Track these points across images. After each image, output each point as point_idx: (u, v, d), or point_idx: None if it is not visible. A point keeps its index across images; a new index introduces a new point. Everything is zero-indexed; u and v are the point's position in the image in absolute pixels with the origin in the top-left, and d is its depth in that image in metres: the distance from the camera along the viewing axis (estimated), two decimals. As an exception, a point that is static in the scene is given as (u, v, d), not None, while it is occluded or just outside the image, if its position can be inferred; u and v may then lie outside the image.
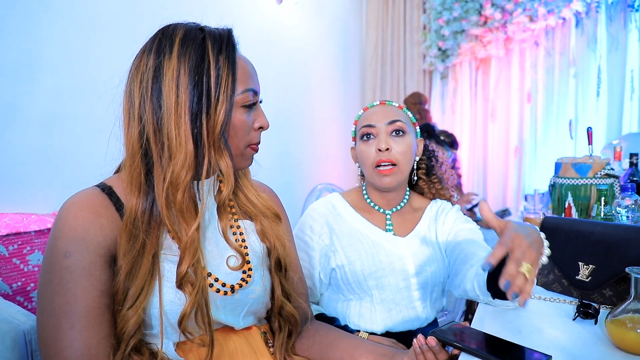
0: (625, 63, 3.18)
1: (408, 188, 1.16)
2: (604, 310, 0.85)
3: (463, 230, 1.08)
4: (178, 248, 0.68)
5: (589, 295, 0.91)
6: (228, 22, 0.76)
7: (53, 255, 0.64)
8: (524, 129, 3.62)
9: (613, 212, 1.17)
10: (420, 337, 0.75)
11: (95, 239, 0.65)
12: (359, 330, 1.05)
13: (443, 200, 1.17)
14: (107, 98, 0.73)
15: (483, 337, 0.74)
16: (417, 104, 3.33)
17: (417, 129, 1.12)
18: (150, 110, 0.67)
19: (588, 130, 1.44)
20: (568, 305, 0.92)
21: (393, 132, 1.05)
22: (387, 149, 1.03)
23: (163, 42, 0.68)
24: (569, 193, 1.35)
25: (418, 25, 4.01)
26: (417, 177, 1.16)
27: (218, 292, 0.72)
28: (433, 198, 1.18)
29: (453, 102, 3.95)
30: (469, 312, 1.96)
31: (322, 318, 1.05)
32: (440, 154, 1.24)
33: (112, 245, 0.67)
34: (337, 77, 3.75)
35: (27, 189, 1.47)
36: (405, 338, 1.03)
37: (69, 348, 0.61)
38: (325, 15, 3.52)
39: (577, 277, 0.93)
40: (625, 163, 1.92)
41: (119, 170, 0.76)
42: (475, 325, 0.81)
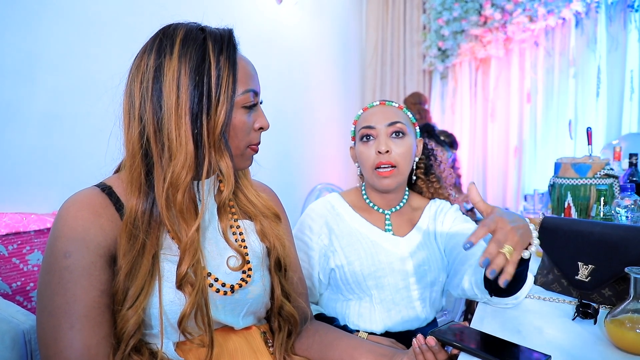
0: (625, 63, 3.19)
1: (407, 188, 1.16)
2: (603, 310, 0.85)
3: (462, 230, 1.08)
4: (178, 248, 0.68)
5: (589, 295, 0.92)
6: (228, 22, 0.76)
7: (53, 255, 0.64)
8: (524, 129, 3.63)
9: (612, 212, 1.17)
10: (420, 337, 0.75)
11: (95, 239, 0.65)
12: (359, 330, 1.05)
13: (442, 200, 1.18)
14: (107, 98, 0.73)
15: (482, 337, 0.74)
16: (417, 104, 3.33)
17: (417, 130, 1.12)
18: (151, 111, 0.66)
19: (588, 131, 1.45)
20: (567, 305, 0.92)
21: (393, 133, 1.05)
22: (387, 151, 1.03)
23: (164, 42, 0.68)
24: (569, 193, 1.35)
25: (418, 25, 4.01)
26: (415, 176, 1.16)
27: (218, 292, 0.72)
28: (431, 197, 1.18)
29: (453, 102, 3.95)
30: (469, 312, 1.96)
31: (321, 318, 1.05)
32: (439, 153, 1.24)
33: (112, 245, 0.67)
34: (337, 77, 3.75)
35: (26, 189, 1.47)
36: (405, 338, 1.03)
37: (69, 348, 0.61)
38: (325, 15, 3.52)
39: (576, 277, 0.93)
40: (625, 163, 1.92)
41: (119, 170, 0.76)
42: (475, 325, 0.81)
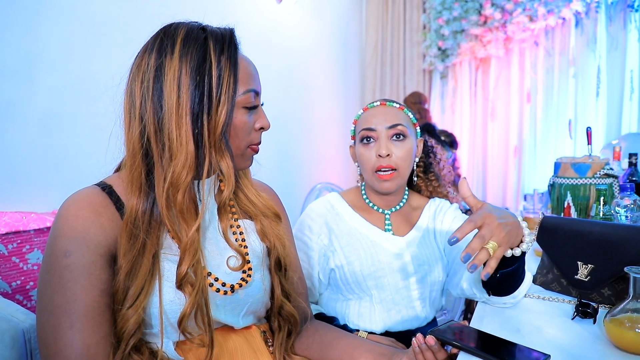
0: (625, 63, 3.19)
1: (407, 187, 1.16)
2: (603, 310, 0.85)
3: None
4: (178, 248, 0.68)
5: (588, 295, 0.92)
6: (228, 21, 0.75)
7: (53, 255, 0.64)
8: (524, 129, 3.63)
9: (612, 211, 1.17)
10: (419, 336, 0.76)
11: (96, 238, 0.65)
12: (358, 330, 1.06)
13: (441, 199, 1.17)
14: (107, 97, 0.73)
15: (482, 336, 0.74)
16: (417, 104, 3.33)
17: (417, 130, 1.11)
18: (152, 110, 0.66)
19: (587, 130, 1.45)
20: (567, 305, 0.92)
21: (393, 136, 1.04)
22: (387, 155, 1.02)
23: (165, 41, 0.68)
24: (568, 193, 1.35)
25: (418, 25, 4.01)
26: (415, 175, 1.16)
27: (218, 291, 0.72)
28: (430, 196, 1.18)
29: (453, 101, 3.95)
30: (468, 311, 1.96)
31: (321, 317, 1.05)
32: (439, 150, 1.23)
33: (112, 245, 0.66)
34: (336, 76, 3.75)
35: (26, 188, 1.47)
36: (405, 337, 1.03)
37: (69, 347, 0.61)
38: (325, 15, 3.52)
39: (575, 276, 0.93)
40: (625, 163, 1.92)
41: (119, 169, 0.76)
42: (474, 325, 0.81)
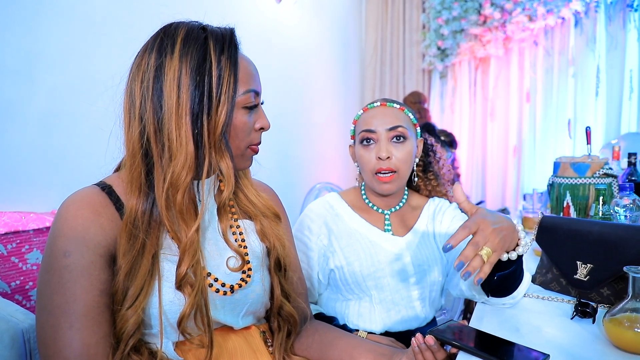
0: (624, 63, 3.19)
1: (406, 187, 1.16)
2: (602, 309, 0.85)
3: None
4: (178, 248, 0.68)
5: (587, 294, 0.92)
6: (228, 21, 0.75)
7: (52, 255, 0.64)
8: (523, 129, 3.63)
9: (611, 211, 1.17)
10: (419, 336, 0.76)
11: (95, 239, 0.65)
12: (358, 330, 1.06)
13: (441, 199, 1.17)
14: (106, 97, 0.73)
15: (481, 335, 0.74)
16: (416, 103, 3.33)
17: (417, 130, 1.11)
18: (151, 110, 0.66)
19: (587, 130, 1.45)
20: (566, 304, 0.92)
21: (394, 138, 1.03)
22: (387, 157, 1.02)
23: (165, 41, 0.68)
24: (568, 192, 1.35)
25: (417, 25, 4.01)
26: (414, 175, 1.16)
27: (217, 292, 0.72)
28: (429, 195, 1.18)
29: (452, 101, 3.95)
30: (468, 311, 1.97)
31: (320, 317, 1.05)
32: (439, 148, 1.23)
33: (111, 245, 0.66)
34: (336, 76, 3.75)
35: (25, 188, 1.47)
36: (404, 337, 1.03)
37: (68, 347, 0.61)
38: (325, 15, 3.52)
39: (575, 276, 0.93)
40: (624, 162, 1.92)
41: (119, 169, 0.76)
42: (474, 324, 0.81)
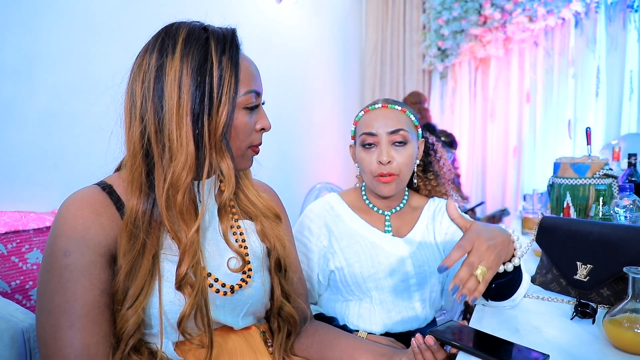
0: (624, 63, 3.19)
1: (406, 187, 1.16)
2: (602, 310, 0.85)
3: (459, 230, 1.07)
4: (178, 248, 0.68)
5: (587, 295, 0.92)
6: (229, 21, 0.75)
7: (53, 254, 0.64)
8: (523, 129, 3.63)
9: (611, 212, 1.17)
10: (419, 336, 0.76)
11: (96, 238, 0.65)
12: (358, 330, 1.05)
13: (441, 199, 1.17)
14: (107, 96, 0.73)
15: (481, 336, 0.74)
16: (417, 104, 3.33)
17: (419, 132, 1.10)
18: (152, 111, 0.66)
19: (587, 131, 1.44)
20: (566, 305, 0.92)
21: (395, 142, 1.03)
22: (388, 162, 1.01)
23: (166, 41, 0.68)
24: (568, 193, 1.35)
25: (417, 25, 4.01)
26: (415, 176, 1.16)
27: (218, 292, 0.72)
28: (429, 195, 1.18)
29: (452, 101, 3.95)
30: (467, 311, 1.96)
31: (320, 318, 1.05)
32: (439, 147, 1.23)
33: (112, 245, 0.66)
34: (336, 76, 3.74)
35: (26, 187, 1.47)
36: (404, 338, 1.03)
37: (68, 347, 0.61)
38: (325, 15, 3.52)
39: (575, 276, 0.93)
40: (624, 163, 1.92)
41: (119, 169, 0.76)
42: (473, 325, 0.81)
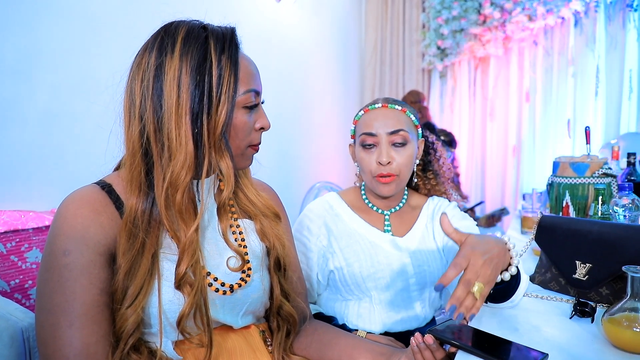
0: (624, 63, 3.19)
1: (406, 187, 1.16)
2: (601, 309, 0.85)
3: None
4: (177, 247, 0.68)
5: (586, 294, 0.92)
6: (228, 20, 0.75)
7: (52, 253, 0.64)
8: (523, 128, 3.63)
9: (610, 211, 1.17)
10: (418, 335, 0.76)
11: (95, 237, 0.65)
12: (357, 329, 1.05)
13: (440, 198, 1.17)
14: (107, 95, 0.73)
15: (480, 335, 0.74)
16: (416, 102, 3.33)
17: (419, 131, 1.10)
18: (151, 110, 0.66)
19: (586, 130, 1.45)
20: (565, 304, 0.92)
21: (395, 142, 1.03)
22: (388, 163, 1.01)
23: (165, 40, 0.68)
24: (567, 192, 1.35)
25: (417, 24, 4.01)
26: (414, 176, 1.16)
27: (217, 291, 0.72)
28: (428, 194, 1.18)
29: (452, 101, 3.95)
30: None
31: (320, 317, 1.05)
32: (439, 147, 1.23)
33: (111, 244, 0.66)
34: (336, 75, 3.74)
35: (25, 186, 1.47)
36: (404, 337, 1.03)
37: (68, 346, 0.61)
38: (325, 14, 3.51)
39: (574, 275, 0.93)
40: (623, 162, 1.93)
41: (119, 168, 0.76)
42: (473, 324, 0.81)
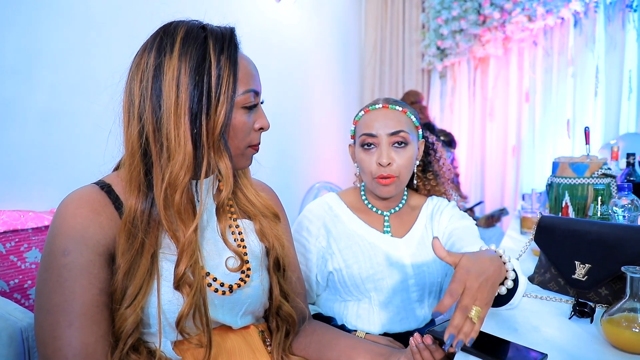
0: (623, 63, 3.19)
1: (405, 187, 1.16)
2: (600, 309, 0.86)
3: (457, 229, 1.07)
4: (176, 247, 0.68)
5: (585, 294, 0.92)
6: (228, 20, 0.75)
7: (51, 253, 0.64)
8: (522, 129, 3.63)
9: (610, 211, 1.17)
10: (417, 335, 0.76)
11: (94, 237, 0.65)
12: (356, 330, 1.05)
13: (439, 198, 1.17)
14: (106, 95, 0.73)
15: (479, 335, 0.74)
16: (416, 103, 3.33)
17: (419, 132, 1.09)
18: (150, 110, 0.66)
19: (585, 130, 1.45)
20: (564, 304, 0.92)
21: (395, 143, 1.02)
22: (388, 164, 1.01)
23: (164, 40, 0.68)
24: (566, 192, 1.35)
25: (417, 25, 4.01)
26: (414, 176, 1.16)
27: (216, 291, 0.72)
28: (428, 194, 1.18)
29: (451, 101, 3.95)
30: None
31: (319, 317, 1.05)
32: (439, 147, 1.23)
33: (110, 244, 0.66)
34: (335, 76, 3.74)
35: (24, 186, 1.47)
36: (403, 338, 1.03)
37: (67, 346, 0.61)
38: (324, 14, 3.51)
39: (573, 276, 0.93)
40: (622, 163, 1.93)
41: (118, 168, 0.76)
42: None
